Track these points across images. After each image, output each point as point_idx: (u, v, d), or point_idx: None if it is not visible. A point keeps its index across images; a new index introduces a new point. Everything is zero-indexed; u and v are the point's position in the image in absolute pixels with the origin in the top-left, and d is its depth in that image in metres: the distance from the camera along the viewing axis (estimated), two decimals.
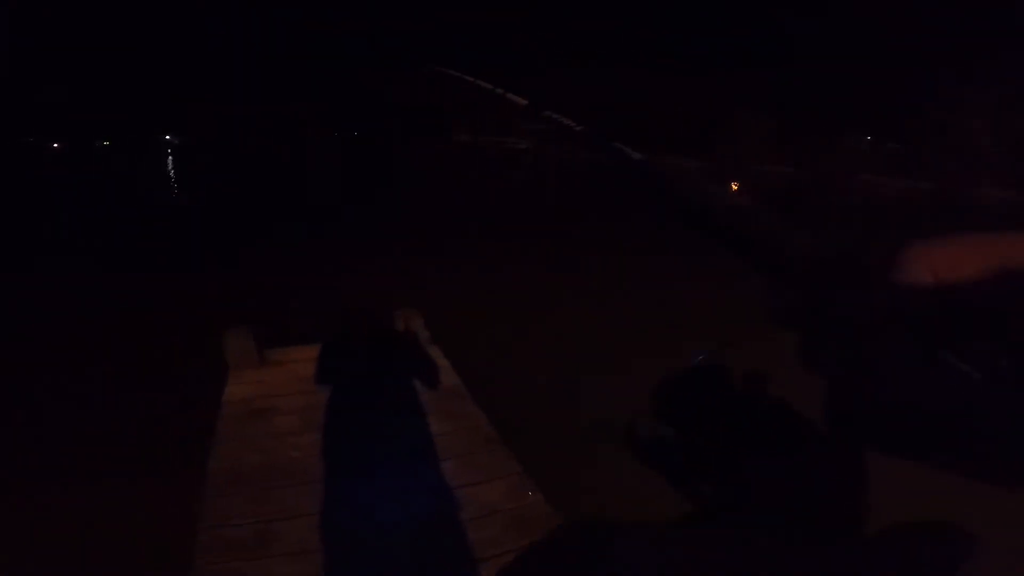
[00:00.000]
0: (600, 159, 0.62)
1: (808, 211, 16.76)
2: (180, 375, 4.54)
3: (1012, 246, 0.29)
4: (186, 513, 2.64)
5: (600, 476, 3.36)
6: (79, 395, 4.29)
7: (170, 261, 8.62)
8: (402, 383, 3.97)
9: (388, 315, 4.96)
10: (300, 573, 2.26)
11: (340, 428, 3.36)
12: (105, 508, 3.05)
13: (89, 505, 3.07)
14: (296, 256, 9.05)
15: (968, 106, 21.34)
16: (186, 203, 15.73)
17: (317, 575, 2.26)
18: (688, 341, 5.31)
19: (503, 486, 2.94)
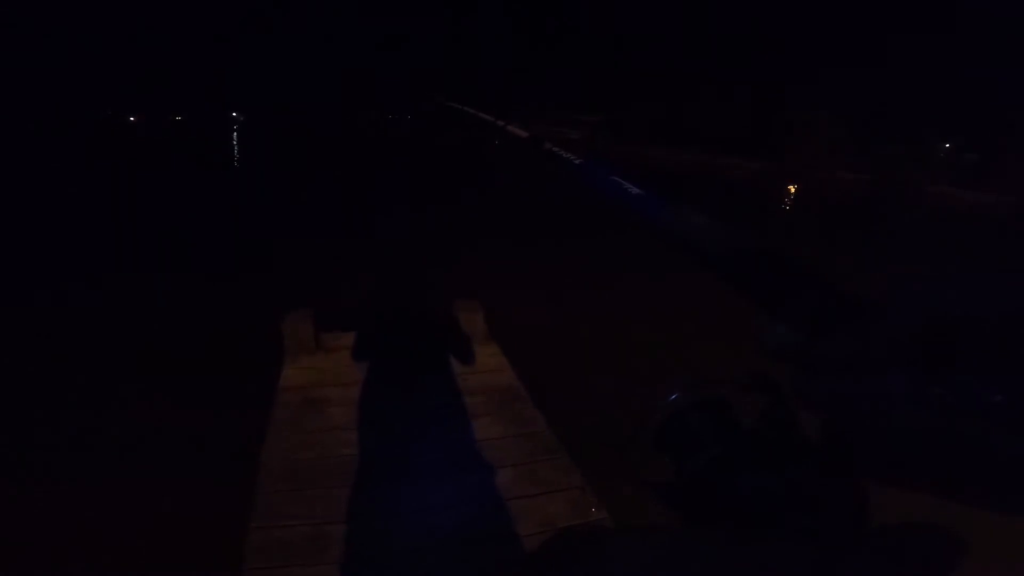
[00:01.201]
0: (597, 195, 0.62)
1: (872, 220, 15.99)
2: (240, 358, 4.52)
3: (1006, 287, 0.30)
4: (238, 506, 2.56)
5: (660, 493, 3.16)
6: (138, 381, 4.31)
7: (226, 245, 8.73)
8: (457, 380, 3.84)
9: (445, 307, 4.84)
10: None
11: (393, 426, 3.24)
12: (160, 497, 3.02)
13: (146, 494, 3.05)
14: (353, 244, 9.05)
15: None
16: (247, 181, 16.02)
17: None
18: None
19: (564, 500, 2.77)
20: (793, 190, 21.29)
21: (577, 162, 0.71)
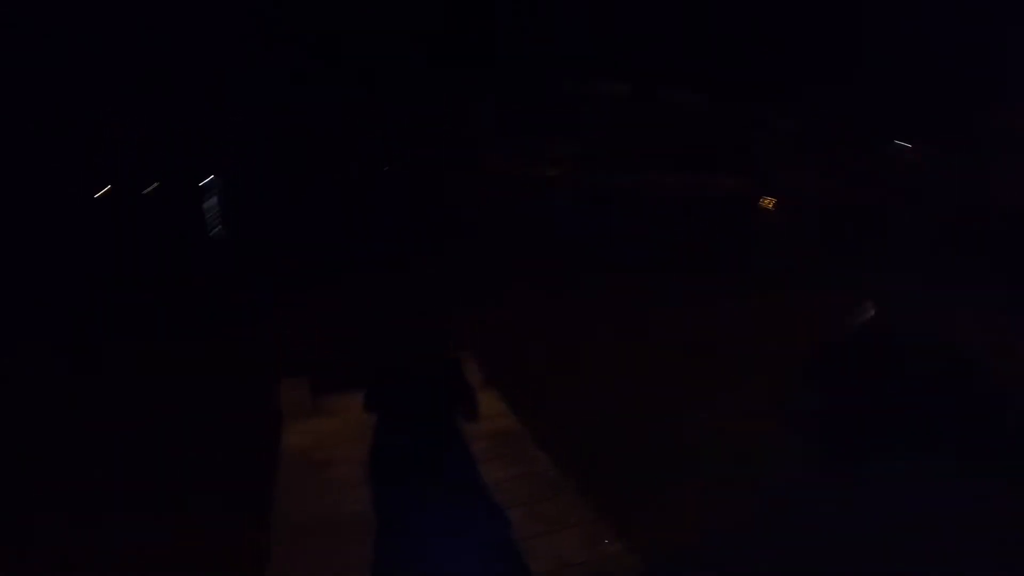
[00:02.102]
0: None
1: (854, 226, 16.27)
2: (236, 425, 4.53)
3: None
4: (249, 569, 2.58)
5: (676, 516, 3.21)
6: (134, 444, 4.30)
7: (217, 308, 8.74)
8: (460, 428, 3.90)
9: (441, 358, 4.92)
10: None
11: (400, 478, 3.29)
12: (165, 561, 3.01)
13: (151, 556, 3.04)
14: (343, 297, 9.11)
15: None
16: (231, 241, 15.90)
17: None
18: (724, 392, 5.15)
19: (575, 536, 2.82)
20: (771, 204, 21.51)
21: None
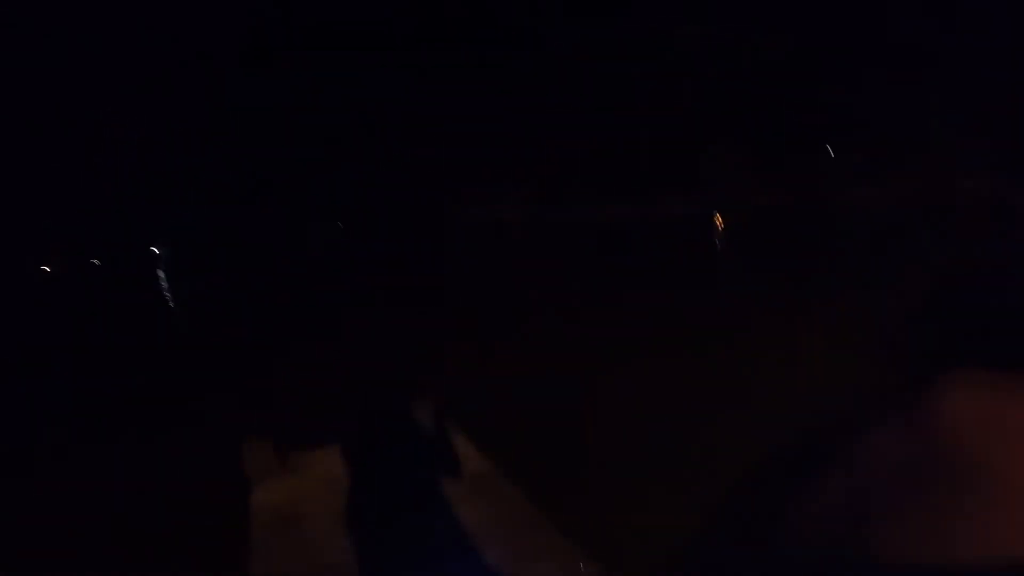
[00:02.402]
0: None
1: (800, 237, 16.81)
2: (204, 489, 4.47)
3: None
4: None
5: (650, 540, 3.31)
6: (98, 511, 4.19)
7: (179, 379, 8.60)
8: (432, 474, 3.94)
9: (408, 407, 4.98)
10: None
11: (377, 527, 3.32)
12: None
13: None
14: (308, 354, 9.07)
15: (926, 105, 22.03)
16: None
17: None
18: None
19: (552, 566, 2.90)
20: (720, 222, 21.95)
21: None
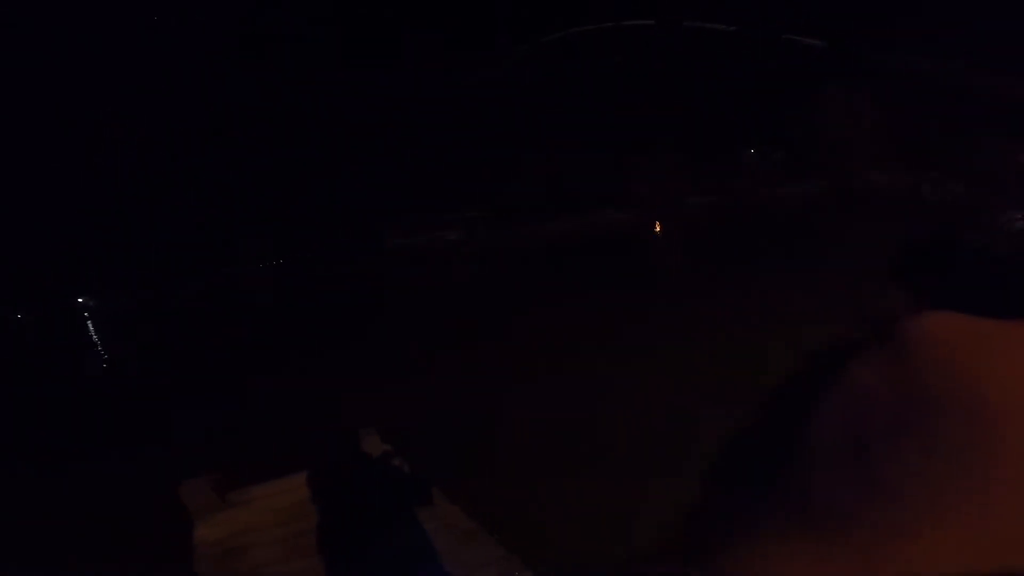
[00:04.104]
0: None
1: (731, 234, 17.37)
2: (146, 526, 4.47)
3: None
4: None
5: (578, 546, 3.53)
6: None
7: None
8: (371, 498, 4.07)
9: (345, 436, 5.09)
10: None
11: (322, 550, 3.43)
12: None
13: None
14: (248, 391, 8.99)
15: (836, 103, 23.18)
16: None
17: None
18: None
19: (491, 573, 3.08)
20: (659, 227, 22.28)
21: None
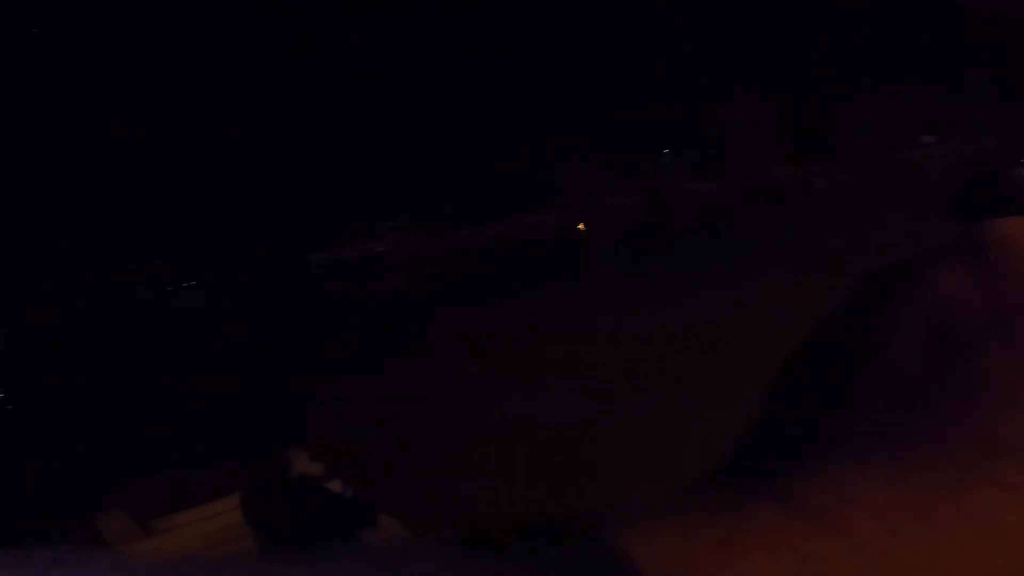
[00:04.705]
0: None
1: (655, 233, 17.83)
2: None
3: None
4: None
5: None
6: None
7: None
8: (307, 516, 4.01)
9: (274, 457, 4.97)
10: None
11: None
12: None
13: None
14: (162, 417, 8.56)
15: (746, 101, 24.29)
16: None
17: None
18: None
19: None
20: (583, 227, 22.39)
21: None
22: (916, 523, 0.28)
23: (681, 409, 5.72)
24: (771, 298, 8.26)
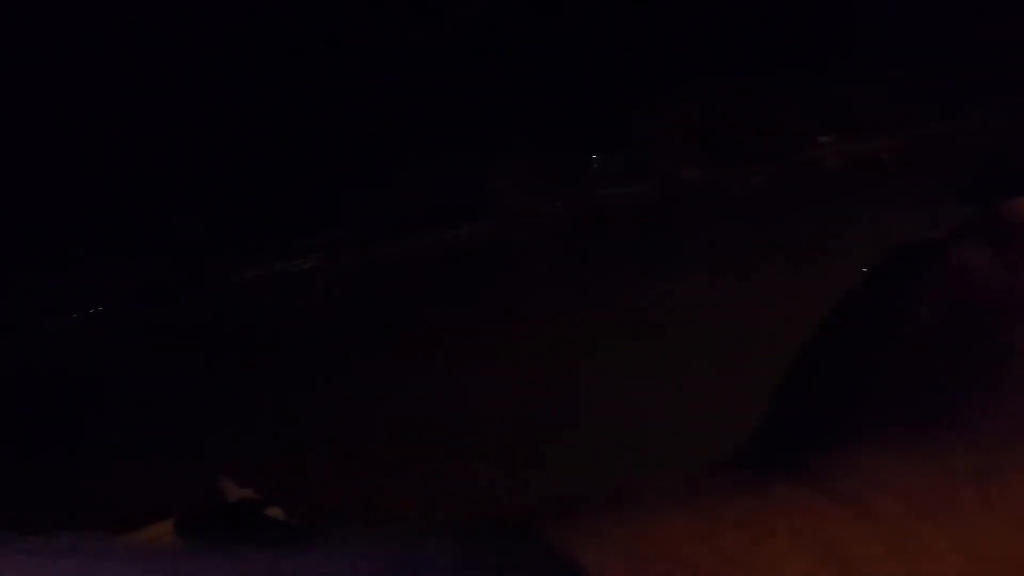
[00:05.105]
0: None
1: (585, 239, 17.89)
2: None
3: None
4: None
5: None
6: None
7: None
8: (242, 541, 3.87)
9: (201, 485, 4.81)
10: None
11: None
12: None
13: None
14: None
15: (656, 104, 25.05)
16: None
17: None
18: None
19: None
20: (519, 234, 22.30)
21: None
22: (942, 507, 0.29)
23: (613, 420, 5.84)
24: (709, 298, 8.55)
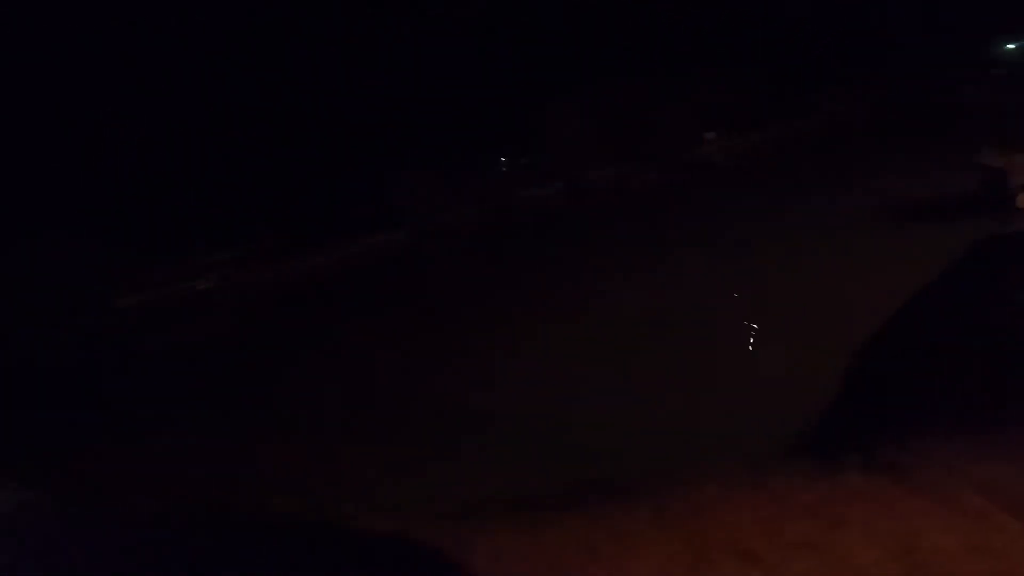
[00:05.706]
0: None
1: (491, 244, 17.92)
2: None
3: None
4: None
5: None
6: None
7: None
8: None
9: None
10: None
11: None
12: None
13: None
14: None
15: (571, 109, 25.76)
16: None
17: None
18: None
19: None
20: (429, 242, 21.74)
21: None
22: None
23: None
24: (624, 292, 8.99)
